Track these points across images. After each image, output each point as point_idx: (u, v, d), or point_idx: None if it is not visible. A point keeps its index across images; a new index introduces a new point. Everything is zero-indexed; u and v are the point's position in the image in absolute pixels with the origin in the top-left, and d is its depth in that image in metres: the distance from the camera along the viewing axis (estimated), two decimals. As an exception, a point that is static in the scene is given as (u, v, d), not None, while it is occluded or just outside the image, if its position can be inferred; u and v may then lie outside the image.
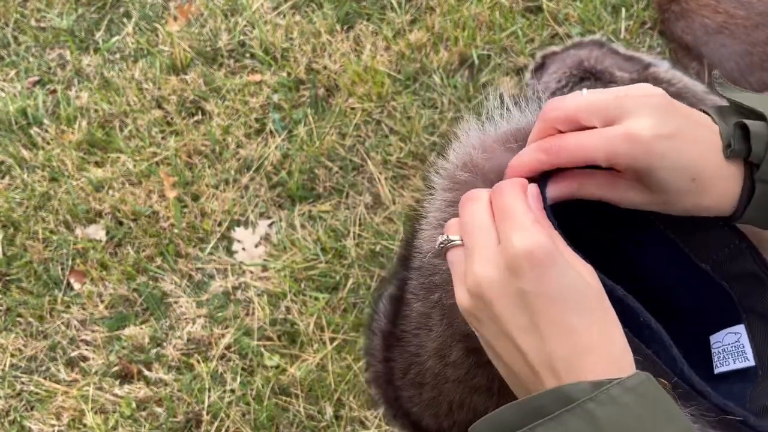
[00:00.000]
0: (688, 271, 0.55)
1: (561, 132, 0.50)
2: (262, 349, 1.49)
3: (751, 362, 0.51)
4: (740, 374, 0.52)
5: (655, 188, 0.50)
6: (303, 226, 1.60)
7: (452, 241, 0.50)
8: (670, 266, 0.56)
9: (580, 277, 0.45)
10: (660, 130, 0.47)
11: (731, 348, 0.53)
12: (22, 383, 1.52)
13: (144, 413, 1.47)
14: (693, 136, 0.49)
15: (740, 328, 0.53)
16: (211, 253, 1.60)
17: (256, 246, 1.60)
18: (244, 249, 1.60)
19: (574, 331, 0.44)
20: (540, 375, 0.44)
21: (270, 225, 1.62)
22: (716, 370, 0.53)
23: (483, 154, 0.56)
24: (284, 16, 1.82)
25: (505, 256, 0.45)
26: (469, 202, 0.50)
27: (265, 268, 1.57)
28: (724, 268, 0.54)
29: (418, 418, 0.70)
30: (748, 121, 0.49)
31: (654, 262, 0.58)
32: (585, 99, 0.50)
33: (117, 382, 1.50)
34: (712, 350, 0.55)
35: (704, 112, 0.51)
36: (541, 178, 0.51)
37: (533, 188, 0.49)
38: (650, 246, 0.57)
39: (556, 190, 0.52)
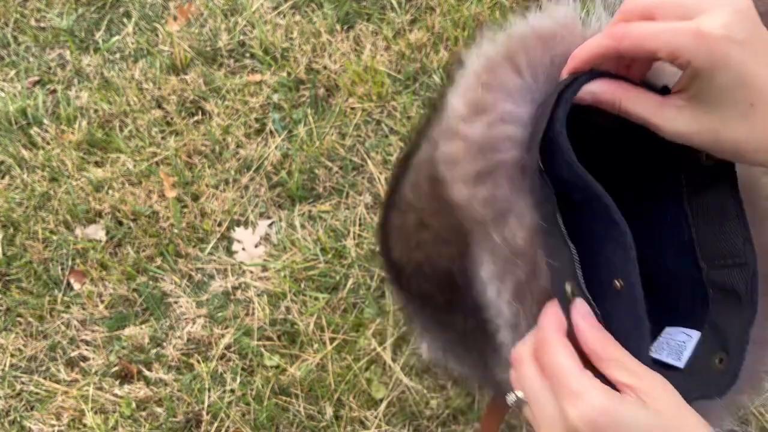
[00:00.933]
0: (686, 263, 0.55)
1: None
2: (262, 349, 1.49)
3: (680, 365, 0.51)
4: (665, 367, 0.51)
5: (708, 101, 0.46)
6: (303, 226, 1.60)
7: (522, 400, 0.49)
8: (673, 249, 0.56)
9: (647, 415, 0.42)
10: (731, 32, 0.44)
11: (674, 344, 0.52)
12: (22, 383, 1.52)
13: (144, 413, 1.47)
14: (766, 55, 0.45)
15: (695, 334, 0.52)
16: (211, 253, 1.60)
17: (256, 246, 1.60)
18: (244, 249, 1.60)
19: None
20: None
21: (270, 225, 1.62)
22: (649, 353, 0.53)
23: (560, 29, 0.56)
24: (284, 16, 1.82)
25: (567, 428, 0.43)
26: (518, 365, 0.48)
27: (265, 268, 1.57)
28: (716, 275, 0.53)
29: (390, 248, 0.74)
30: None
31: (661, 239, 0.57)
32: None
33: (117, 382, 1.50)
34: (660, 336, 0.54)
35: None
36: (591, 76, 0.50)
37: (581, 307, 0.47)
38: (666, 218, 0.56)
39: (600, 86, 0.50)
